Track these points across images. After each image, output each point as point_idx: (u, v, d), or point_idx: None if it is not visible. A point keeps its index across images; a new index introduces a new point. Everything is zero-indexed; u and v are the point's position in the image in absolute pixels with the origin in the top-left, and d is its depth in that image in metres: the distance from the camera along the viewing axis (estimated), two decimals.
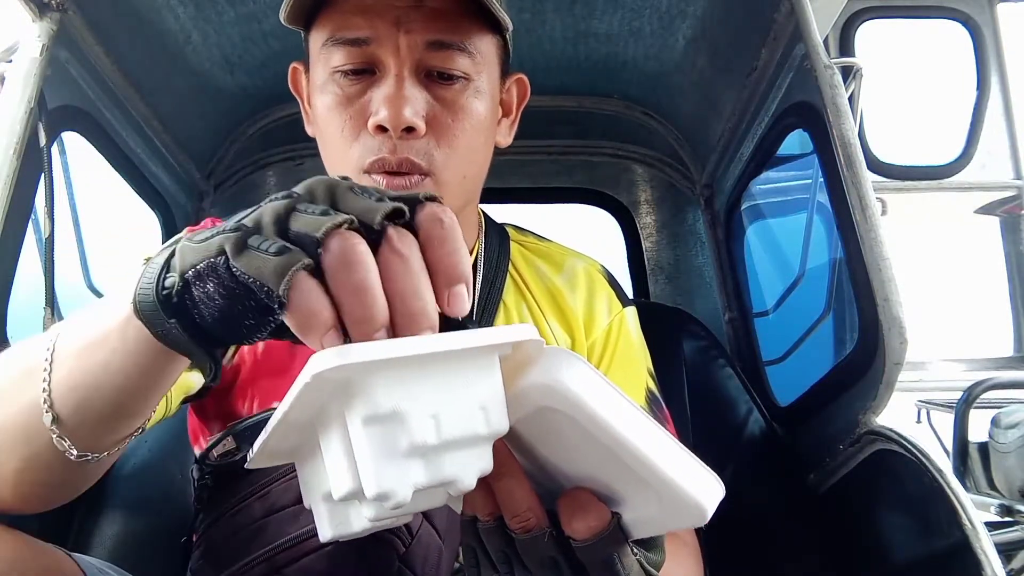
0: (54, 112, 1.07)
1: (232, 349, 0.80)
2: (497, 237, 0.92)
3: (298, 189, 0.42)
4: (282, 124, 1.60)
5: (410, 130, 0.71)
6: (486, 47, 0.77)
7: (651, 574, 0.49)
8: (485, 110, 0.77)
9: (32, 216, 1.05)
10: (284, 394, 0.76)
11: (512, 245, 0.93)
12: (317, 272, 0.38)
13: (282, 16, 0.75)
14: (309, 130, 0.85)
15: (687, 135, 1.63)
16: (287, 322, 0.38)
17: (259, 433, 0.45)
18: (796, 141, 1.31)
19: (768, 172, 1.43)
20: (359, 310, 0.37)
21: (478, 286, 0.86)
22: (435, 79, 0.74)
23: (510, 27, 0.76)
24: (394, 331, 0.38)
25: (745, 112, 1.37)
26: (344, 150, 0.74)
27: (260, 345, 0.80)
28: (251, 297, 0.38)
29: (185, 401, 0.77)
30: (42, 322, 1.05)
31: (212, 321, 0.41)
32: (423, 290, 0.39)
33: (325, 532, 0.46)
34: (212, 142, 1.58)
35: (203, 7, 1.23)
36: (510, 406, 0.41)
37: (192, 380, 0.76)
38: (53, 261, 1.07)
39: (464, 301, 0.40)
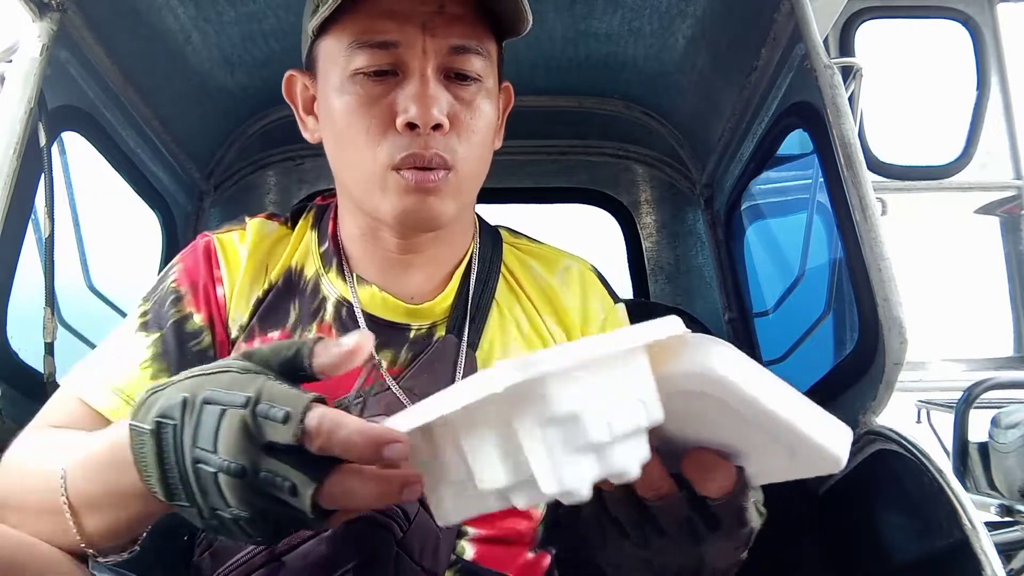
0: (54, 112, 1.07)
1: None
2: (490, 239, 0.95)
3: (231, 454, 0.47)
4: (282, 124, 1.60)
5: (437, 127, 0.75)
6: (493, 51, 0.81)
7: (763, 514, 0.54)
8: (492, 110, 0.82)
9: (32, 216, 1.05)
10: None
11: (505, 247, 0.96)
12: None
13: (313, 24, 0.77)
14: (307, 135, 0.87)
15: (687, 135, 1.63)
16: None
17: None
18: (796, 141, 1.31)
19: (768, 172, 1.44)
20: None
21: (471, 286, 0.89)
22: (453, 80, 0.78)
23: (529, 23, 0.80)
24: None
25: (745, 112, 1.37)
26: (370, 149, 0.76)
27: (255, 346, 0.81)
28: None
29: None
30: (42, 322, 1.05)
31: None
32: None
33: (447, 517, 0.50)
34: (212, 142, 1.58)
35: (203, 7, 1.23)
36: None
37: None
38: (53, 261, 1.07)
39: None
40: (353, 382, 0.79)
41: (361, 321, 0.83)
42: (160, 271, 1.53)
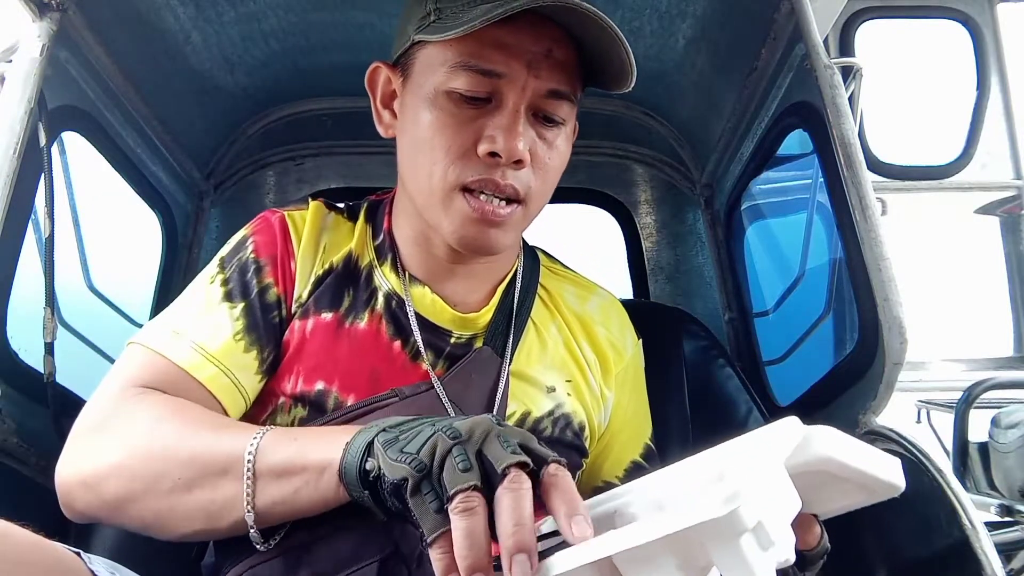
0: (54, 112, 1.07)
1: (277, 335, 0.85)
2: (530, 258, 0.99)
3: (461, 429, 0.57)
4: (282, 124, 1.60)
5: (518, 162, 0.78)
6: (579, 96, 0.84)
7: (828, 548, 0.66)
8: (567, 150, 0.86)
9: (32, 216, 1.05)
10: (327, 372, 0.83)
11: (541, 268, 1.00)
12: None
13: (427, 38, 0.78)
14: (380, 129, 0.89)
15: (687, 135, 1.63)
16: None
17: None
18: (796, 141, 1.31)
19: (768, 172, 1.43)
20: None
21: (515, 302, 0.92)
22: (540, 120, 0.81)
23: (632, 82, 0.81)
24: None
25: (745, 112, 1.36)
26: (445, 165, 0.79)
27: (309, 325, 0.84)
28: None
29: None
30: (42, 322, 1.05)
31: (385, 501, 0.60)
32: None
33: None
34: (212, 142, 1.58)
35: (203, 7, 1.23)
36: None
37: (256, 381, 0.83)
38: (53, 261, 1.07)
39: (585, 526, 0.53)
40: (397, 378, 0.84)
41: (412, 319, 0.86)
42: (160, 271, 1.53)
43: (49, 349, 1.04)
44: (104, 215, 1.43)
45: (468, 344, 0.88)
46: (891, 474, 0.59)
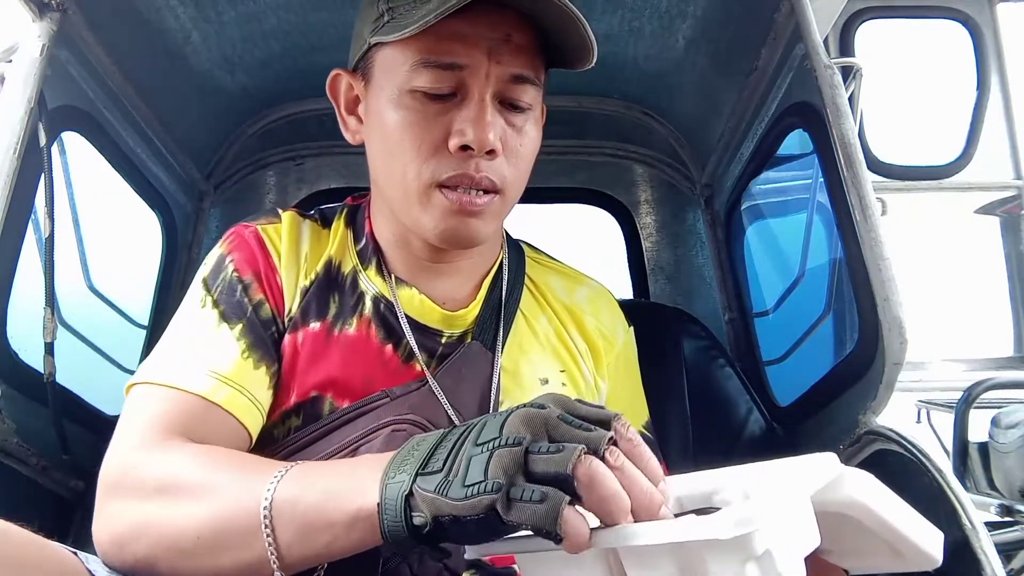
0: (54, 112, 1.07)
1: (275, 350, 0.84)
2: (515, 251, 0.98)
3: (518, 432, 0.52)
4: (282, 124, 1.60)
5: (491, 152, 0.77)
6: (543, 80, 0.84)
7: None
8: (537, 135, 0.85)
9: (32, 216, 1.05)
10: (319, 382, 0.82)
11: (527, 260, 0.99)
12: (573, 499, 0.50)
13: (381, 39, 0.78)
14: (348, 136, 0.89)
15: (687, 135, 1.63)
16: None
17: None
18: (796, 141, 1.31)
19: (768, 172, 1.43)
20: (617, 513, 0.50)
21: (503, 295, 0.92)
22: (507, 107, 0.80)
23: (594, 60, 0.80)
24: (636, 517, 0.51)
25: (745, 112, 1.37)
26: (417, 164, 0.78)
27: (299, 337, 0.84)
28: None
29: None
30: (42, 322, 1.05)
31: (458, 539, 0.56)
32: (650, 486, 0.52)
33: None
34: (212, 142, 1.58)
35: (203, 7, 1.23)
36: None
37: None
38: (53, 261, 1.07)
39: (665, 496, 0.52)
40: (391, 382, 0.82)
41: (403, 320, 0.86)
42: (160, 271, 1.53)
43: (49, 349, 1.04)
44: (104, 215, 1.43)
45: (459, 342, 0.87)
46: (929, 544, 0.56)
